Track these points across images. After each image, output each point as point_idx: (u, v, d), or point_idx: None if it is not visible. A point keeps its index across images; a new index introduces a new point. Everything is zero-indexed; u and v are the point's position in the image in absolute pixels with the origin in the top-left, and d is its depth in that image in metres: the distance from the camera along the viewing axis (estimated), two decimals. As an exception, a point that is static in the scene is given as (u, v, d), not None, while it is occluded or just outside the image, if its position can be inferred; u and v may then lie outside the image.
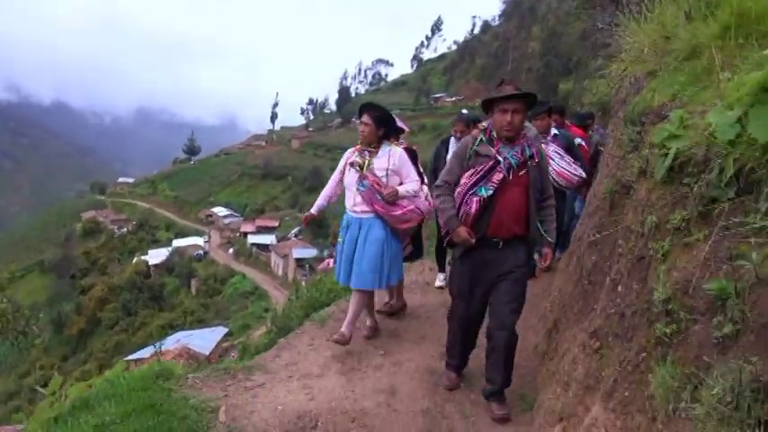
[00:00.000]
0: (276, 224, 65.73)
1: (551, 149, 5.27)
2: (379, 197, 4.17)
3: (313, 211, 4.64)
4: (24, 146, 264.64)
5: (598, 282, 2.82)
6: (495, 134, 3.41)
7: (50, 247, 77.90)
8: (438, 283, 5.92)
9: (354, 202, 4.33)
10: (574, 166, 5.19)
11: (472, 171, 3.37)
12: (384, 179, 4.23)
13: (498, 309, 3.40)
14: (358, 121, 4.44)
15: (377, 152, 4.31)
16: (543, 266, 3.64)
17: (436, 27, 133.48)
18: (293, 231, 59.21)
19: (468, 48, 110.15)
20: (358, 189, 4.25)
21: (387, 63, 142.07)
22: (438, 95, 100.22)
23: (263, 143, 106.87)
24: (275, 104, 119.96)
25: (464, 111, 6.56)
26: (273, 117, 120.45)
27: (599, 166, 5.04)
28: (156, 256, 62.17)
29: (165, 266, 59.66)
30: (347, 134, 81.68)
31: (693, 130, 2.14)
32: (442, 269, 5.87)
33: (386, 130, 4.35)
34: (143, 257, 62.51)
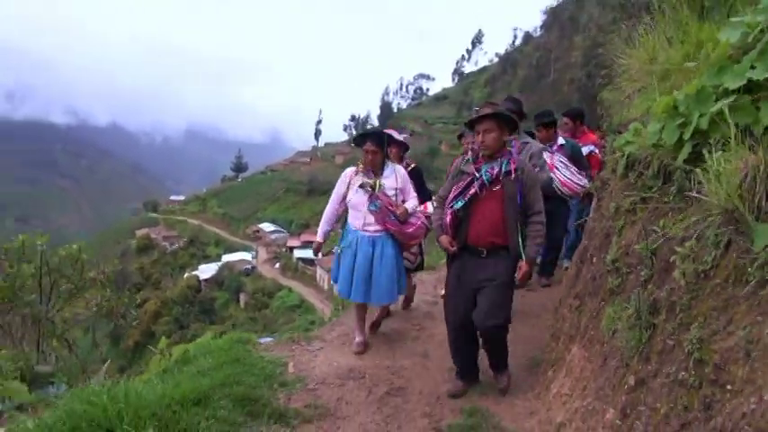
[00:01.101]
0: (321, 239, 66.82)
1: (556, 159, 5.38)
2: (392, 217, 4.33)
3: (319, 238, 4.83)
4: (83, 167, 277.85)
5: (585, 260, 3.53)
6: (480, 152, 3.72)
7: (108, 264, 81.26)
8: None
9: (366, 222, 4.42)
10: (578, 176, 5.26)
11: (455, 187, 3.71)
12: (394, 198, 4.41)
13: (477, 313, 3.59)
14: (361, 148, 4.51)
15: (382, 173, 4.46)
16: (518, 280, 3.66)
17: (477, 40, 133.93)
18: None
19: (509, 60, 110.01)
20: (369, 209, 4.36)
21: (428, 77, 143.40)
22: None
23: (308, 160, 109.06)
24: (319, 121, 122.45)
25: None
26: (317, 134, 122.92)
27: None
28: (206, 270, 64.01)
29: (215, 281, 61.51)
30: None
31: (641, 138, 2.87)
32: None
33: (387, 150, 4.56)
34: (194, 272, 64.58)
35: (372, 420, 3.41)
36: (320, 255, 5.19)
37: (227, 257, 67.26)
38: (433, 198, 4.03)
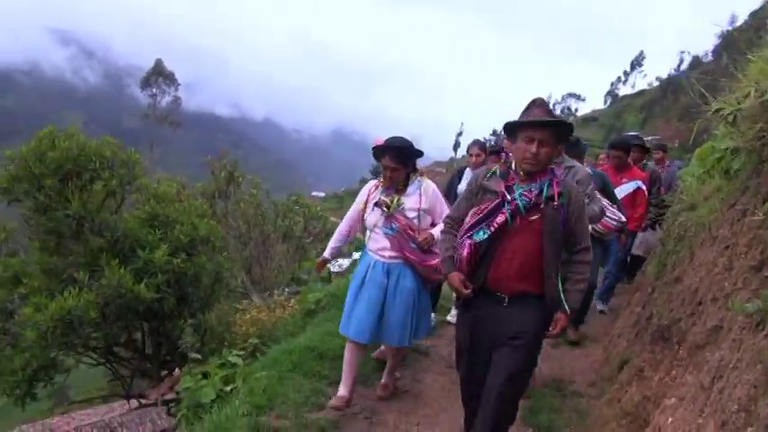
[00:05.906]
0: (448, 241, 69.09)
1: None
2: (412, 244, 3.68)
3: (326, 255, 4.20)
4: (239, 158, 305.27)
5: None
6: (514, 166, 2.87)
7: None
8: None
9: (380, 246, 3.78)
10: (611, 209, 4.64)
11: (476, 209, 2.85)
12: (416, 221, 3.73)
13: (491, 378, 2.82)
14: (377, 163, 3.89)
15: (405, 189, 3.79)
16: (551, 334, 2.87)
17: (637, 62, 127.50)
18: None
19: (671, 85, 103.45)
20: (385, 232, 3.74)
21: (578, 97, 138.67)
22: (632, 134, 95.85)
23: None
24: (459, 133, 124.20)
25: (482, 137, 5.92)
26: (456, 146, 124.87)
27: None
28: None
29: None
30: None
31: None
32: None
33: (413, 163, 3.83)
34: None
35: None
36: (323, 274, 5.62)
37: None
38: (443, 219, 3.31)
